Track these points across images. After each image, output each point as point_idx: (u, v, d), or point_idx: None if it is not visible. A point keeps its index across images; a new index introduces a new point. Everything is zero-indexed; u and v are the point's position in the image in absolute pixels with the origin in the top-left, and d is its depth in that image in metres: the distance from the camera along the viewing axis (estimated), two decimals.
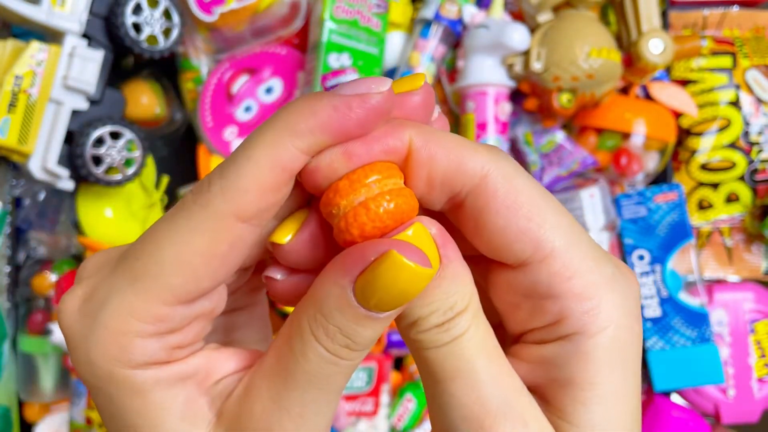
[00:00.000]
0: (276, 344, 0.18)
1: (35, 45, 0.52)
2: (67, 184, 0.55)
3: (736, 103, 0.69)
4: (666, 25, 0.69)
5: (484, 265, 0.19)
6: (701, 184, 0.70)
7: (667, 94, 0.68)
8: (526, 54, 0.62)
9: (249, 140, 0.17)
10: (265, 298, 0.23)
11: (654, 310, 0.65)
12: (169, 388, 0.17)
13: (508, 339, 0.20)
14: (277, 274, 0.18)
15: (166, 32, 0.57)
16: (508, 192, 0.17)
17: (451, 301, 0.17)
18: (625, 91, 0.68)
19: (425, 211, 0.19)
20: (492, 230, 0.17)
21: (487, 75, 0.63)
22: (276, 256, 0.18)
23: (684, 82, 0.70)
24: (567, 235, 0.17)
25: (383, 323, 0.17)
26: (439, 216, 0.19)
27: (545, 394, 0.18)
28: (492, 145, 0.18)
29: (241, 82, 0.66)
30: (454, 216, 0.18)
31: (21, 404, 0.67)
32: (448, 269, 0.17)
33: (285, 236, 0.18)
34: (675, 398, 0.68)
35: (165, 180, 0.63)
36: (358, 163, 0.17)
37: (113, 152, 0.54)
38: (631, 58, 0.62)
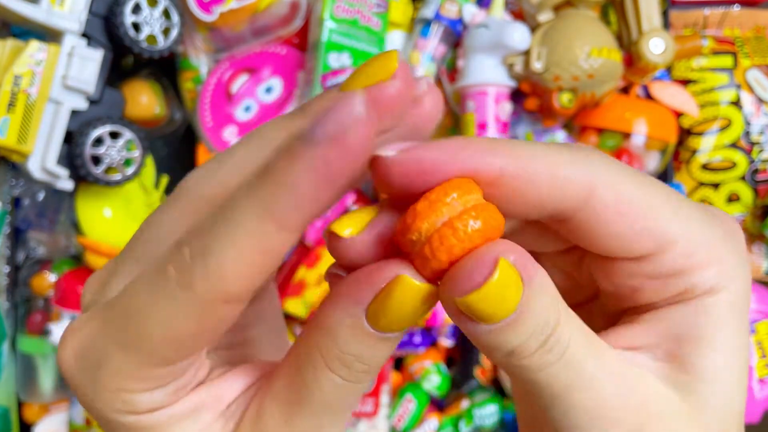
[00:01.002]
0: (285, 371, 0.17)
1: (34, 44, 0.52)
2: (66, 183, 0.54)
3: (737, 103, 0.69)
4: (667, 24, 0.69)
5: (581, 255, 0.19)
6: (702, 184, 0.70)
7: (668, 93, 0.67)
8: (527, 54, 0.62)
9: (229, 216, 0.15)
10: (276, 308, 0.22)
11: None
12: (182, 422, 0.17)
13: (610, 309, 0.20)
14: (339, 270, 0.17)
15: (166, 32, 0.57)
16: (619, 200, 0.16)
17: (544, 317, 0.15)
18: (625, 90, 0.68)
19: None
20: (607, 237, 0.17)
21: (487, 75, 0.62)
22: (330, 247, 0.17)
23: (685, 82, 0.70)
24: (681, 218, 0.17)
25: (398, 339, 0.16)
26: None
27: (663, 350, 0.18)
28: (584, 147, 0.17)
29: (240, 82, 0.66)
30: (556, 227, 0.17)
31: (20, 405, 0.67)
32: (533, 288, 0.15)
33: (346, 229, 0.16)
34: None
35: (164, 180, 0.63)
36: (440, 173, 0.15)
37: (112, 152, 0.54)
38: (632, 58, 0.62)
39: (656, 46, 0.61)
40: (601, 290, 0.19)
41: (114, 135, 0.54)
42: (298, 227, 0.15)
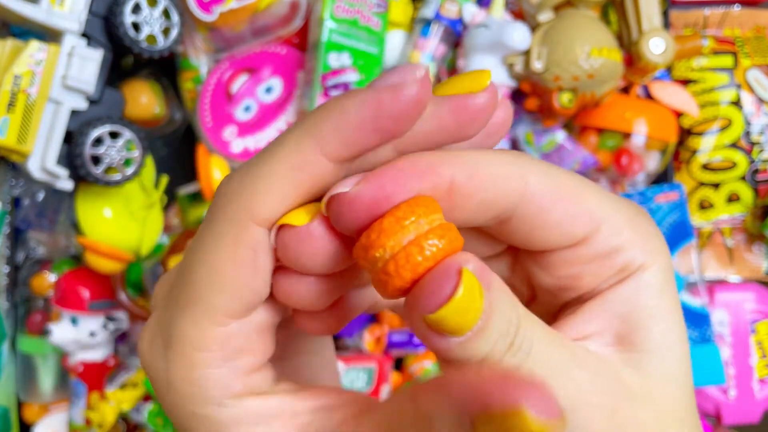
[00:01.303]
0: (392, 409, 0.17)
1: (34, 44, 0.52)
2: (66, 183, 0.54)
3: (737, 103, 0.69)
4: (667, 24, 0.69)
5: (516, 255, 0.20)
6: (702, 184, 0.70)
7: (668, 93, 0.67)
8: (527, 53, 0.62)
9: (273, 142, 0.16)
10: (329, 343, 0.22)
11: None
12: (254, 426, 0.17)
13: (549, 308, 0.20)
14: (297, 279, 0.17)
15: (166, 32, 0.57)
16: (553, 189, 0.17)
17: (507, 319, 0.16)
18: (626, 90, 0.68)
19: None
20: (548, 226, 0.17)
21: None
22: (282, 247, 0.16)
23: (685, 82, 0.70)
24: (605, 201, 0.18)
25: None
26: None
27: (611, 333, 0.18)
28: (516, 151, 0.18)
29: (240, 82, 0.66)
30: (498, 230, 0.18)
31: (20, 405, 0.67)
32: (494, 292, 0.15)
33: (300, 219, 0.16)
34: None
35: (164, 180, 0.63)
36: (398, 196, 0.16)
37: (112, 152, 0.54)
38: (632, 58, 0.62)
39: (656, 46, 0.60)
40: (540, 288, 0.20)
41: (114, 135, 0.54)
42: (336, 157, 0.15)
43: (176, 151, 0.69)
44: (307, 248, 0.16)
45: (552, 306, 0.20)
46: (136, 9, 0.55)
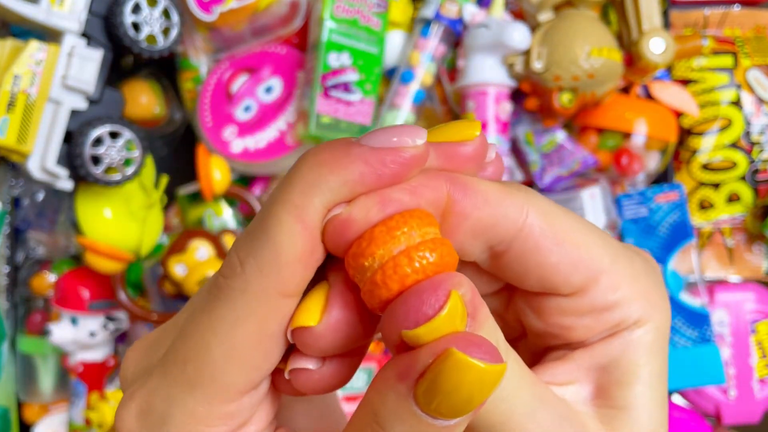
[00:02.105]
0: None
1: (34, 44, 0.52)
2: (65, 183, 0.54)
3: (737, 103, 0.69)
4: (667, 24, 0.69)
5: (512, 293, 0.19)
6: (702, 184, 0.70)
7: (668, 93, 0.67)
8: (527, 53, 0.62)
9: (274, 202, 0.15)
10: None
11: None
12: None
13: (536, 347, 0.20)
14: (308, 364, 0.16)
15: (166, 32, 0.57)
16: (554, 229, 0.17)
17: None
18: (626, 90, 0.68)
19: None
20: (545, 268, 0.17)
21: (487, 74, 0.62)
22: (302, 345, 0.16)
23: (685, 82, 0.70)
24: (609, 251, 0.17)
25: (457, 428, 0.15)
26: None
27: (591, 384, 0.18)
28: (518, 183, 0.18)
29: (240, 82, 0.66)
30: (494, 264, 0.18)
31: (20, 405, 0.66)
32: (478, 321, 0.15)
33: (312, 318, 0.16)
34: (676, 399, 0.68)
35: (164, 180, 0.63)
36: (394, 212, 0.15)
37: (112, 152, 0.54)
38: (632, 58, 0.62)
39: (656, 46, 0.60)
40: (529, 330, 0.19)
41: (114, 135, 0.54)
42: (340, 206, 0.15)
43: (176, 151, 0.69)
44: (325, 343, 0.16)
45: (538, 347, 0.20)
46: (136, 9, 0.54)
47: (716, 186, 0.70)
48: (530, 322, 0.19)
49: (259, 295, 0.15)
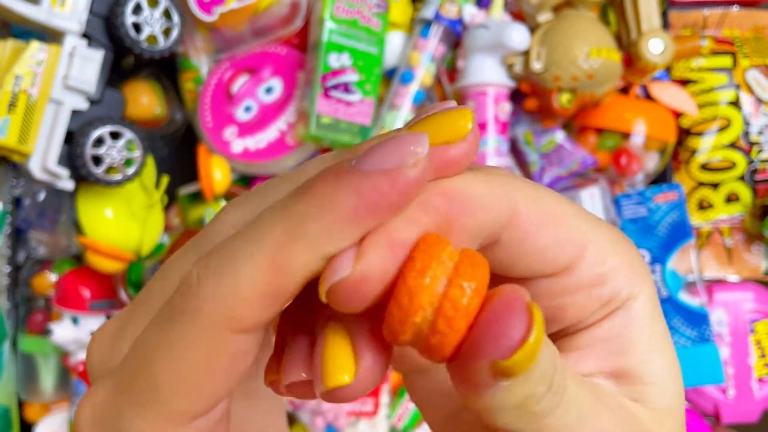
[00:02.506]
0: None
1: (35, 45, 0.52)
2: (67, 184, 0.55)
3: (736, 103, 0.69)
4: (666, 24, 0.69)
5: (501, 281, 0.19)
6: (701, 184, 0.70)
7: (667, 94, 0.67)
8: (526, 54, 0.62)
9: (250, 232, 0.14)
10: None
11: None
12: None
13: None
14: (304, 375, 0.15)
15: (166, 32, 0.57)
16: (540, 212, 0.16)
17: (550, 359, 0.14)
18: (625, 91, 0.68)
19: None
20: (532, 254, 0.16)
21: (487, 75, 0.63)
22: (333, 398, 0.14)
23: (684, 82, 0.70)
24: (590, 226, 0.17)
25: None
26: None
27: (609, 370, 0.18)
28: (501, 169, 0.17)
29: (241, 82, 0.66)
30: (486, 252, 0.17)
31: (21, 404, 0.67)
32: (538, 327, 0.14)
33: (344, 374, 0.14)
34: None
35: (165, 180, 0.63)
36: (405, 253, 0.13)
37: (113, 152, 0.54)
38: (631, 58, 0.62)
39: (655, 47, 0.61)
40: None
41: (114, 135, 0.55)
42: (324, 252, 0.13)
43: (177, 152, 0.69)
44: (360, 393, 0.14)
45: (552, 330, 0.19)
46: (137, 9, 0.55)
47: (715, 186, 0.70)
48: None
49: (210, 325, 0.14)
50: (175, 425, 0.14)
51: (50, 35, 0.54)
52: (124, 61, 0.65)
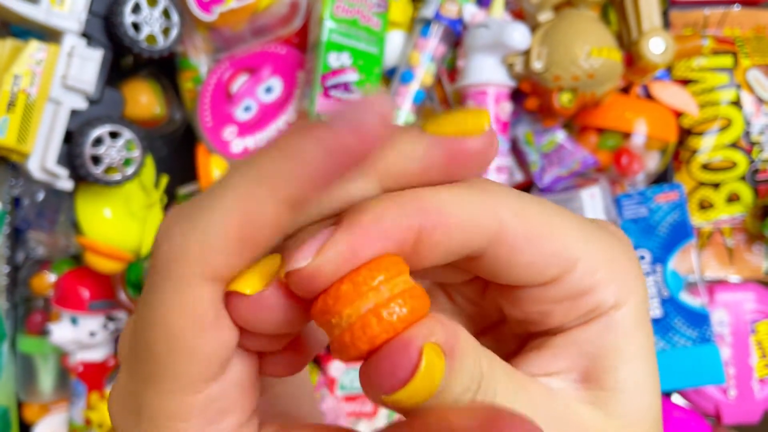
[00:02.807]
0: None
1: (34, 44, 0.52)
2: (66, 183, 0.54)
3: (737, 103, 0.69)
4: (667, 24, 0.69)
5: (484, 284, 0.19)
6: (702, 184, 0.70)
7: (668, 93, 0.67)
8: (527, 53, 0.62)
9: (219, 184, 0.14)
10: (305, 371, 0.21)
11: (655, 311, 0.65)
12: None
13: (522, 332, 0.20)
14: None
15: (166, 32, 0.57)
16: (526, 227, 0.16)
17: (469, 377, 0.15)
18: (626, 90, 0.68)
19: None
20: (519, 267, 0.16)
21: (487, 74, 0.62)
22: (231, 311, 0.15)
23: (685, 82, 0.70)
24: (581, 237, 0.17)
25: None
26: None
27: (578, 371, 0.18)
28: (489, 181, 0.17)
29: (240, 82, 0.66)
30: (466, 265, 0.17)
31: (20, 404, 0.67)
32: (456, 357, 0.14)
33: (248, 286, 0.15)
34: (676, 399, 0.68)
35: (164, 180, 0.63)
36: (362, 261, 0.14)
37: (112, 152, 0.54)
38: (632, 58, 0.62)
39: (656, 46, 0.60)
40: (508, 316, 0.19)
41: (114, 135, 0.54)
42: (291, 202, 0.14)
43: (176, 151, 0.69)
44: (259, 316, 0.15)
45: (520, 331, 0.19)
46: (136, 9, 0.54)
47: (716, 186, 0.70)
48: (507, 310, 0.19)
49: (186, 278, 0.14)
50: (186, 394, 0.15)
51: (49, 35, 0.54)
52: (123, 61, 0.64)
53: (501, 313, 0.20)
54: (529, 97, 0.64)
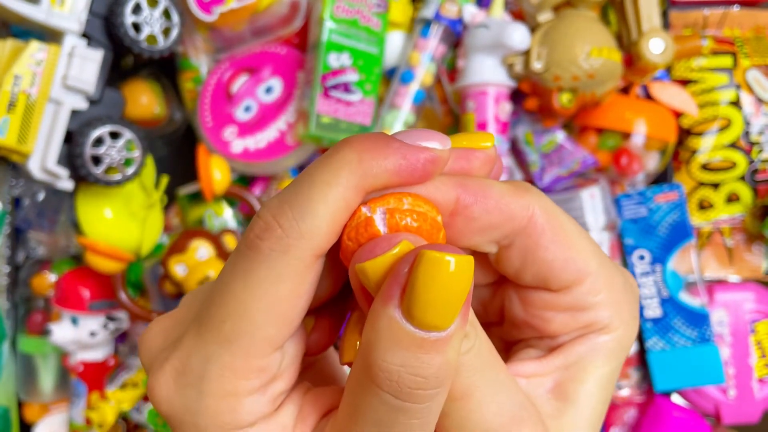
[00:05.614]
0: (345, 398, 0.17)
1: (34, 45, 0.52)
2: (66, 184, 0.54)
3: (736, 103, 0.69)
4: (666, 24, 0.69)
5: (500, 285, 0.21)
6: (702, 184, 0.70)
7: (668, 93, 0.67)
8: (527, 54, 0.62)
9: (317, 175, 0.17)
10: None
11: (654, 311, 0.65)
12: None
13: (509, 336, 0.22)
14: None
15: (166, 32, 0.57)
16: (554, 228, 0.19)
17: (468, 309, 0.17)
18: (625, 90, 0.68)
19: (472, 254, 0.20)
20: (541, 264, 0.19)
21: (487, 75, 0.62)
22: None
23: (684, 82, 0.70)
24: (596, 256, 0.19)
25: (450, 344, 0.15)
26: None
27: (551, 379, 0.20)
28: (526, 183, 0.19)
29: (240, 82, 0.66)
30: (498, 257, 0.20)
31: (20, 404, 0.67)
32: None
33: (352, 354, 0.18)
34: (675, 398, 0.68)
35: (164, 180, 0.63)
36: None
37: (113, 152, 0.54)
38: (632, 58, 0.62)
39: (656, 46, 0.61)
40: (509, 319, 0.21)
41: (114, 135, 0.54)
42: (371, 192, 0.17)
43: (176, 151, 0.69)
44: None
45: (511, 336, 0.21)
46: (137, 9, 0.55)
47: (716, 186, 0.70)
48: (513, 311, 0.20)
49: (299, 256, 0.16)
50: (260, 356, 0.17)
51: (50, 35, 0.54)
52: (124, 61, 0.65)
53: (499, 318, 0.22)
54: (529, 97, 0.64)
